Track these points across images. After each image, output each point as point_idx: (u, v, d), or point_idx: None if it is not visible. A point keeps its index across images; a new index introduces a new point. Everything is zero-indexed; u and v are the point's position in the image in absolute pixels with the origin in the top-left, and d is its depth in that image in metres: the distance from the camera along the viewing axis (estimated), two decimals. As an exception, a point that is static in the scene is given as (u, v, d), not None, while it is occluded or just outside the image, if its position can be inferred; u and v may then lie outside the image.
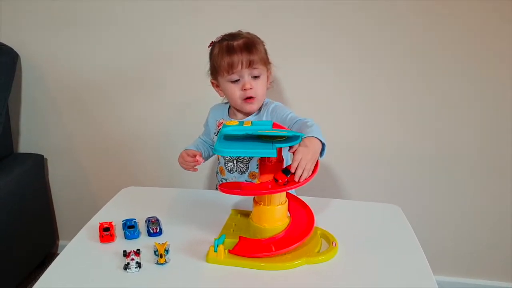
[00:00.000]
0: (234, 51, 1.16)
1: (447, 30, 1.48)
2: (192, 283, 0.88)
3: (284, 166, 0.97)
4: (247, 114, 1.26)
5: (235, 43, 1.17)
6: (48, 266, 0.92)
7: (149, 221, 1.06)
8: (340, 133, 1.62)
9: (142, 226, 1.05)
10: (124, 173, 1.83)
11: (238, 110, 1.26)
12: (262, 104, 1.26)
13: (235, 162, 1.28)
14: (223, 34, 1.23)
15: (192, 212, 1.14)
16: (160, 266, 0.91)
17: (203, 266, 0.92)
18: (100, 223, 1.03)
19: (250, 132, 0.94)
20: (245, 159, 1.27)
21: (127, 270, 0.89)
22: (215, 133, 1.31)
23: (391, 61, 1.53)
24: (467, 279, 1.80)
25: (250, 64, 1.17)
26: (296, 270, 0.91)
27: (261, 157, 0.95)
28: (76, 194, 1.90)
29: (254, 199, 0.99)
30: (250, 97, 1.20)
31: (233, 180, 1.30)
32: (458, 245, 1.76)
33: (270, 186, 0.91)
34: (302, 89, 1.61)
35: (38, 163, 1.78)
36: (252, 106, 1.22)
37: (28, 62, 1.70)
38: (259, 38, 1.24)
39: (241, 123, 1.01)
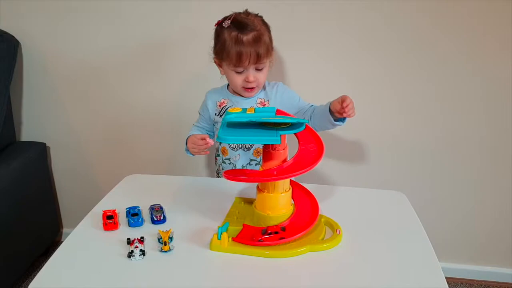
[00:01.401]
0: (243, 46, 1.17)
1: (451, 24, 1.46)
2: (196, 270, 0.88)
3: (288, 154, 0.96)
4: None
5: (245, 38, 1.17)
6: (52, 254, 0.92)
7: (152, 208, 1.05)
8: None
9: (145, 214, 1.05)
10: (127, 161, 1.83)
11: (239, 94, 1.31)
12: (265, 84, 1.31)
13: None
14: (231, 14, 1.21)
15: (195, 200, 1.14)
16: (164, 253, 0.91)
17: (206, 253, 0.92)
18: (103, 211, 1.03)
19: (253, 119, 0.93)
20: None
21: (131, 257, 0.89)
22: (216, 114, 1.33)
23: (396, 54, 1.52)
24: (470, 265, 1.81)
25: (258, 60, 1.19)
26: (300, 258, 0.91)
27: (265, 144, 0.95)
28: (79, 182, 1.90)
29: (257, 186, 0.98)
30: (251, 87, 1.25)
31: (237, 158, 1.31)
32: (461, 232, 1.76)
33: (275, 173, 0.91)
34: (306, 80, 1.59)
35: (40, 151, 1.78)
36: (251, 94, 1.29)
37: (29, 49, 1.68)
38: (264, 24, 1.23)
39: (244, 110, 1.00)
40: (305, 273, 0.87)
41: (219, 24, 1.23)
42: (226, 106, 1.31)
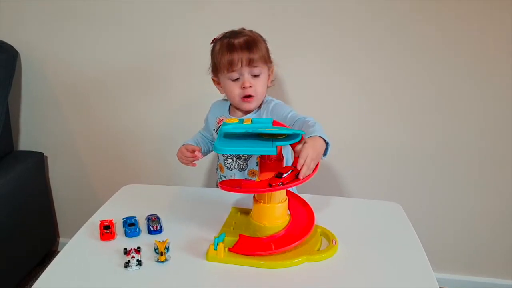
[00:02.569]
0: (234, 49, 1.16)
1: (449, 28, 1.47)
2: (192, 281, 0.88)
3: (284, 164, 0.97)
4: (247, 111, 1.26)
5: (236, 41, 1.17)
6: (49, 263, 0.92)
7: (149, 219, 1.06)
8: (341, 131, 1.62)
9: (142, 224, 1.05)
10: (124, 171, 1.83)
11: (238, 108, 1.27)
12: (262, 102, 1.26)
13: (234, 159, 1.28)
14: (225, 31, 1.23)
15: (192, 210, 1.15)
16: (161, 264, 0.91)
17: (203, 264, 0.92)
18: (100, 221, 1.03)
19: (250, 130, 0.94)
20: (244, 156, 1.27)
21: (128, 268, 0.89)
22: (214, 130, 1.32)
23: (393, 59, 1.53)
24: (467, 276, 1.81)
25: (250, 63, 1.16)
26: (296, 268, 0.91)
27: (261, 155, 0.95)
28: (76, 192, 1.90)
29: (254, 197, 0.99)
30: (249, 96, 1.20)
31: (232, 178, 1.30)
32: (458, 242, 1.76)
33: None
34: (302, 87, 1.61)
35: (38, 161, 1.78)
36: (250, 105, 1.23)
37: (28, 59, 1.70)
38: (261, 37, 1.24)
39: (241, 121, 1.01)
40: (301, 284, 0.87)
41: (214, 40, 1.23)
42: None
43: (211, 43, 1.24)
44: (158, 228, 1.03)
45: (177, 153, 1.26)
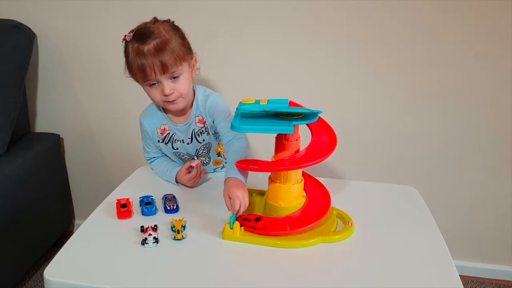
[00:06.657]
0: (144, 58, 1.06)
1: (458, 8, 1.44)
2: (208, 258, 0.89)
3: (301, 145, 0.96)
4: (182, 112, 1.20)
5: (145, 48, 1.06)
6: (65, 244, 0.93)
7: (166, 198, 1.06)
8: (354, 116, 1.60)
9: (158, 203, 1.06)
10: (140, 152, 1.83)
11: (168, 110, 1.21)
12: (195, 95, 1.20)
13: (195, 158, 1.26)
14: (137, 26, 1.12)
15: (208, 190, 1.15)
16: (177, 241, 0.92)
17: (219, 242, 0.93)
18: (117, 200, 1.04)
19: (267, 110, 0.93)
20: (204, 151, 1.25)
21: (145, 245, 0.90)
22: (159, 140, 1.25)
23: (402, 47, 1.50)
24: (482, 264, 1.79)
25: (165, 71, 1.07)
26: (312, 249, 0.91)
27: (278, 135, 0.95)
28: (92, 174, 1.92)
29: (270, 177, 0.99)
30: (173, 100, 1.12)
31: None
32: (473, 230, 1.74)
33: (287, 163, 0.91)
34: (310, 75, 1.59)
35: (54, 143, 1.79)
36: (178, 106, 1.15)
37: (45, 41, 1.70)
38: (174, 30, 1.13)
39: (258, 102, 1.00)
40: (317, 264, 0.87)
41: (125, 39, 1.11)
42: (169, 133, 1.22)
43: (122, 41, 1.12)
44: (175, 207, 1.03)
45: (185, 184, 1.18)
